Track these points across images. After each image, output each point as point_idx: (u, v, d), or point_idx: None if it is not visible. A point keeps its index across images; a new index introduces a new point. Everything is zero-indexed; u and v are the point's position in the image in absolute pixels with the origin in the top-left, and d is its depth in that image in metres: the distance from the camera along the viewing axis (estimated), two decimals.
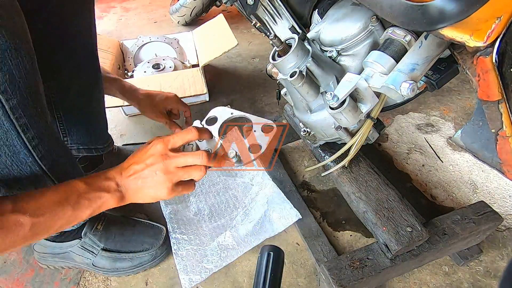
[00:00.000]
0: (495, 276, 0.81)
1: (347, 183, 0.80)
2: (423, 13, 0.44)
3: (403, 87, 0.55)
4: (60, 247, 0.84)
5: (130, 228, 0.89)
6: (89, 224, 0.84)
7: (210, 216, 0.97)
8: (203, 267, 0.84)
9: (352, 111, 0.62)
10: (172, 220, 0.94)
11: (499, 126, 0.53)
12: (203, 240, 0.90)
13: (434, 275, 0.83)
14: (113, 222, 0.88)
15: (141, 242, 0.87)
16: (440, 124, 1.23)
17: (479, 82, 0.50)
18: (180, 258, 0.86)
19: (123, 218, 0.92)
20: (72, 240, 0.83)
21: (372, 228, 0.73)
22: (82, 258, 0.84)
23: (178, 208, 0.99)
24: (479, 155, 0.62)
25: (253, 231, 0.91)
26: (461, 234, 0.73)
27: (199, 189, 1.04)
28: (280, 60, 0.62)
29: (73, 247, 0.84)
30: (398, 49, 0.60)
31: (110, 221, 0.88)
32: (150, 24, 2.18)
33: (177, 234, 0.91)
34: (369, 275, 0.68)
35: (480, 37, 0.43)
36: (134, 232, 0.88)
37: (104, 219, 0.87)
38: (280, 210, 0.93)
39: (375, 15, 0.64)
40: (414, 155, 1.13)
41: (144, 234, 0.89)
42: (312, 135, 0.82)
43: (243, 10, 0.76)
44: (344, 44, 0.68)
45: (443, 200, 0.99)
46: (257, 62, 1.68)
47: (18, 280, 0.88)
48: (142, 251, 0.86)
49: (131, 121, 1.38)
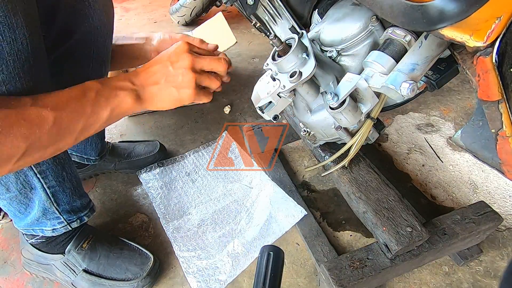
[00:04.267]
0: (495, 276, 0.81)
1: (347, 183, 0.80)
2: (423, 13, 0.44)
3: (403, 87, 0.55)
4: (45, 258, 0.81)
5: (117, 251, 0.85)
6: (75, 240, 0.81)
7: (214, 225, 0.96)
8: (216, 279, 0.83)
9: (352, 111, 0.62)
10: (176, 238, 0.92)
11: (499, 126, 0.53)
12: (211, 252, 0.89)
13: (434, 275, 0.83)
14: (100, 242, 0.85)
15: (124, 270, 0.82)
16: (440, 124, 1.23)
17: (479, 82, 0.50)
18: (192, 276, 0.84)
19: (112, 238, 0.88)
20: (56, 253, 0.81)
21: (372, 228, 0.73)
22: (63, 274, 0.82)
23: (180, 223, 0.97)
24: (479, 155, 0.62)
25: (260, 234, 0.91)
26: (461, 234, 0.73)
27: (198, 200, 1.03)
28: (280, 60, 0.62)
29: (56, 261, 0.81)
30: (398, 49, 0.60)
31: (97, 240, 0.84)
32: (150, 24, 2.18)
33: (184, 252, 0.89)
34: (369, 275, 0.68)
35: (480, 37, 0.43)
36: (119, 256, 0.84)
37: (91, 237, 0.84)
38: (285, 209, 0.93)
39: (375, 15, 0.64)
40: (414, 155, 1.13)
41: (130, 261, 0.84)
42: (312, 135, 0.82)
43: (243, 10, 0.76)
44: (344, 44, 0.68)
45: (443, 200, 0.99)
46: (257, 62, 1.68)
47: (18, 280, 0.88)
48: (123, 280, 0.81)
49: (131, 121, 1.37)
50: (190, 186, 1.08)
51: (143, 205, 1.05)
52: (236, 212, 0.98)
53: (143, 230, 0.98)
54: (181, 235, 0.93)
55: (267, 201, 0.97)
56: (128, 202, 1.07)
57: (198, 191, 1.06)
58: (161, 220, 0.98)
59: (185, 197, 1.05)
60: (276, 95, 0.68)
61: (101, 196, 1.09)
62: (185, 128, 1.32)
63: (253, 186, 1.04)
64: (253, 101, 0.73)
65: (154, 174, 1.11)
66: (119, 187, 1.11)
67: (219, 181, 1.08)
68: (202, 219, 0.98)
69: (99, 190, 1.11)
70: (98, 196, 1.09)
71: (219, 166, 1.13)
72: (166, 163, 1.15)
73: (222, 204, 1.01)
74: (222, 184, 1.07)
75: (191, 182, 1.09)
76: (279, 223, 0.92)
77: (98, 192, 1.10)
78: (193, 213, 1.00)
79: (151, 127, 1.34)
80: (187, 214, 1.00)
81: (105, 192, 1.10)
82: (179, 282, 0.86)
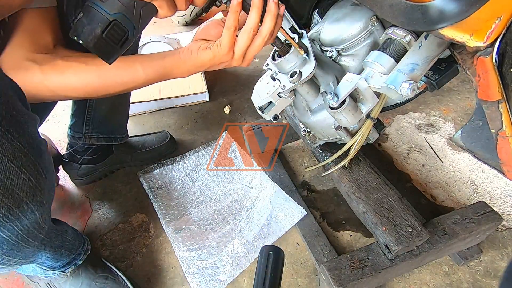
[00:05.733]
0: (495, 276, 0.81)
1: (347, 183, 0.80)
2: (423, 13, 0.44)
3: (403, 87, 0.55)
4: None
5: (100, 281, 0.79)
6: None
7: (214, 225, 0.96)
8: (216, 279, 0.83)
9: (352, 111, 0.62)
10: (177, 238, 0.92)
11: (499, 126, 0.53)
12: (211, 252, 0.89)
13: (434, 275, 0.83)
14: (85, 268, 0.79)
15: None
16: (440, 124, 1.23)
17: (479, 82, 0.50)
18: (192, 276, 0.84)
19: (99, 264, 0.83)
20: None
21: (372, 228, 0.73)
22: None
23: (180, 223, 0.96)
24: (479, 155, 0.62)
25: (260, 234, 0.90)
26: (461, 234, 0.73)
27: (198, 200, 1.03)
28: (280, 60, 0.62)
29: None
30: (398, 49, 0.60)
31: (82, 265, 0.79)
32: (150, 24, 2.16)
33: (184, 252, 0.89)
34: (369, 275, 0.68)
35: (480, 37, 0.43)
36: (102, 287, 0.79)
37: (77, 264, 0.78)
38: (285, 209, 0.93)
39: (375, 15, 0.64)
40: (414, 155, 1.13)
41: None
42: (312, 135, 0.82)
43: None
44: (344, 44, 0.68)
45: (443, 200, 0.99)
46: (257, 62, 1.68)
47: (18, 280, 0.88)
48: None
49: (131, 121, 1.37)
50: (190, 186, 1.08)
51: (143, 205, 1.05)
52: (236, 212, 0.98)
53: (143, 230, 0.98)
54: (181, 235, 0.93)
55: (267, 201, 0.97)
56: (128, 202, 1.07)
57: (198, 191, 1.06)
58: (161, 220, 0.97)
59: (185, 197, 1.05)
60: (276, 95, 0.68)
61: (101, 196, 1.09)
62: (185, 128, 1.32)
63: (253, 186, 1.04)
64: (253, 101, 0.73)
65: (154, 174, 1.11)
66: (119, 187, 1.11)
67: (219, 181, 1.08)
68: (202, 219, 0.98)
69: (99, 190, 1.11)
70: (98, 196, 1.09)
71: (219, 166, 1.13)
72: (166, 163, 1.15)
73: (222, 204, 1.01)
74: (222, 184, 1.07)
75: (191, 182, 1.09)
76: (279, 223, 0.92)
77: (98, 192, 1.10)
78: (193, 213, 1.00)
79: (151, 127, 1.34)
80: (187, 214, 0.99)
81: (105, 192, 1.10)
82: (179, 282, 0.86)
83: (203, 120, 1.34)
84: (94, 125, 0.98)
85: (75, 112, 0.98)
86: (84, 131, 0.99)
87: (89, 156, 1.06)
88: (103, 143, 1.03)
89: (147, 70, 0.63)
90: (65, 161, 1.08)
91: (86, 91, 0.65)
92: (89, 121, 0.97)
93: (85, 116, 0.96)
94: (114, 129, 1.04)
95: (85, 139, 1.00)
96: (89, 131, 0.99)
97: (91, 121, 0.97)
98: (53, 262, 0.71)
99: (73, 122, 0.99)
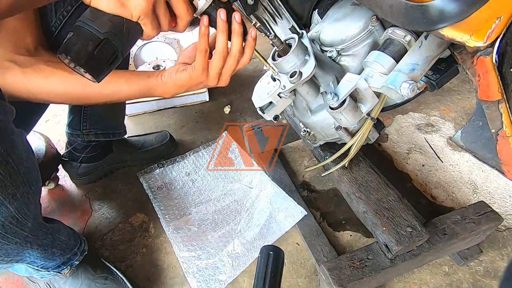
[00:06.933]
0: (495, 276, 0.81)
1: (347, 183, 0.80)
2: (423, 13, 0.44)
3: (403, 87, 0.55)
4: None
5: (100, 282, 0.79)
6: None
7: (214, 225, 0.96)
8: (216, 279, 0.83)
9: (352, 111, 0.62)
10: (177, 238, 0.92)
11: (499, 126, 0.53)
12: (211, 252, 0.89)
13: (434, 275, 0.83)
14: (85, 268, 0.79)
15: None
16: (440, 124, 1.23)
17: (479, 82, 0.50)
18: (192, 276, 0.84)
19: (98, 264, 0.83)
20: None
21: (372, 228, 0.73)
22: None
23: (180, 223, 0.96)
24: (479, 155, 0.62)
25: (260, 234, 0.90)
26: (461, 234, 0.73)
27: (198, 200, 1.04)
28: (280, 60, 0.62)
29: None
30: (398, 49, 0.60)
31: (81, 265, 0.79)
32: None
33: (184, 252, 0.89)
34: (369, 275, 0.68)
35: (480, 37, 0.43)
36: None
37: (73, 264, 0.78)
38: (285, 209, 0.93)
39: (375, 15, 0.64)
40: (414, 155, 1.13)
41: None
42: (312, 135, 0.82)
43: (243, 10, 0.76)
44: (344, 44, 0.68)
45: (443, 200, 0.99)
46: (257, 62, 1.68)
47: (18, 280, 0.88)
48: None
49: (131, 121, 1.38)
50: (190, 186, 1.08)
51: (143, 205, 1.05)
52: (236, 212, 0.98)
53: (143, 230, 0.99)
54: (181, 235, 0.93)
55: (267, 201, 0.97)
56: (128, 202, 1.07)
57: (198, 191, 1.06)
58: (161, 220, 0.97)
59: (185, 197, 1.05)
60: (276, 95, 0.68)
61: (101, 196, 1.09)
62: (185, 128, 1.32)
63: (253, 186, 1.04)
64: (253, 101, 0.73)
65: (154, 175, 1.11)
66: (119, 187, 1.11)
67: (219, 181, 1.08)
68: (202, 219, 0.98)
69: (99, 190, 1.11)
70: (98, 196, 1.09)
71: (219, 166, 1.13)
72: (166, 163, 1.15)
73: (222, 204, 1.01)
74: (222, 184, 1.07)
75: (191, 182, 1.09)
76: (279, 223, 0.92)
77: (98, 192, 1.10)
78: (193, 213, 1.00)
79: (151, 127, 1.34)
80: (187, 214, 0.99)
81: (105, 192, 1.10)
82: (179, 282, 0.86)
83: (203, 120, 1.34)
84: (91, 121, 0.98)
85: (72, 109, 0.99)
86: (82, 128, 0.99)
87: (88, 154, 1.06)
88: (102, 139, 1.03)
89: (132, 86, 0.66)
90: (64, 160, 1.08)
91: (68, 98, 0.66)
92: (86, 117, 0.97)
93: (82, 113, 0.97)
94: (112, 125, 1.04)
95: (83, 135, 1.00)
96: (87, 127, 0.99)
97: (88, 117, 0.98)
98: (45, 262, 0.70)
99: (71, 120, 1.00)
